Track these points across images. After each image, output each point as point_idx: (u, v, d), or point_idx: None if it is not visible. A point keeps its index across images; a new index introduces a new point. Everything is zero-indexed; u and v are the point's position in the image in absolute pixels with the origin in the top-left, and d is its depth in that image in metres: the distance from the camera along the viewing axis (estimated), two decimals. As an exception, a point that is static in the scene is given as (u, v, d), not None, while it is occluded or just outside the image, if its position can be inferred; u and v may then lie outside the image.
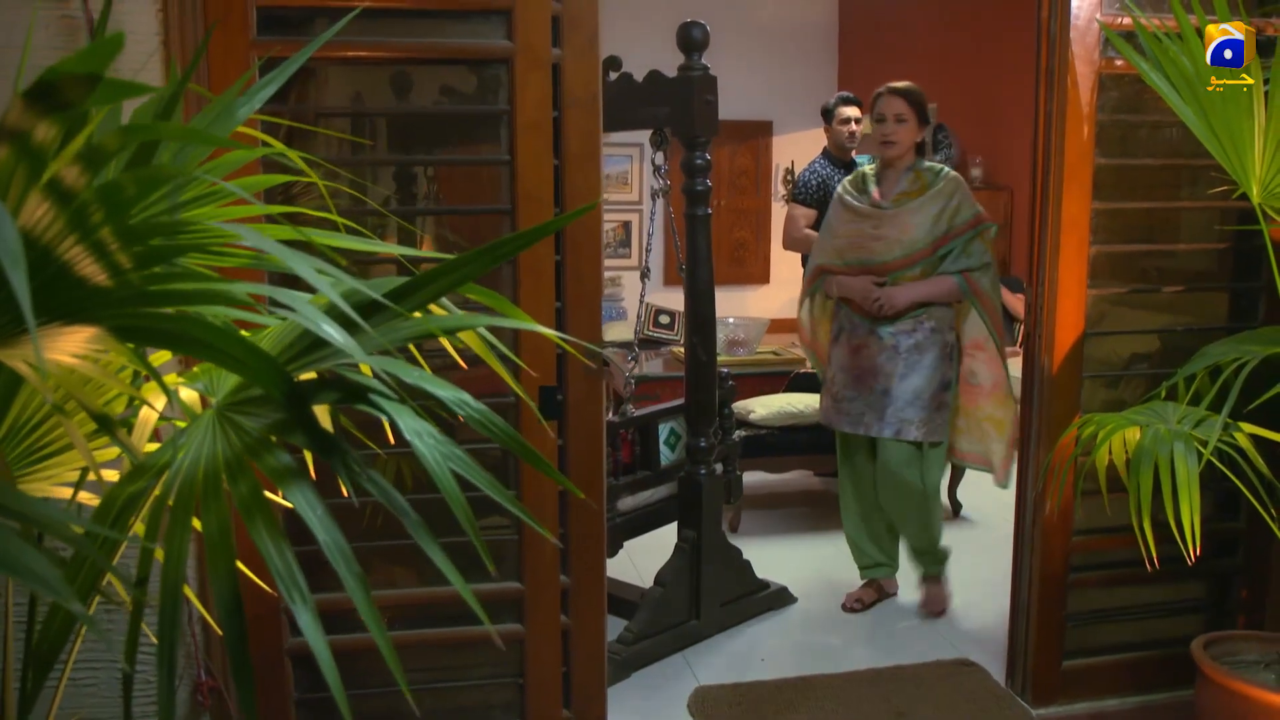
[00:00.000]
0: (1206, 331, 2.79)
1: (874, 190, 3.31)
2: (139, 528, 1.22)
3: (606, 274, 8.74)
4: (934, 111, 8.04)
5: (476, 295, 1.34)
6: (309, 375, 1.22)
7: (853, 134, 4.54)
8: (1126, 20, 2.54)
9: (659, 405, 3.45)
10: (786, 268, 4.87)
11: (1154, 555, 2.27)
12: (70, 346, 1.14)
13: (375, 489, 1.10)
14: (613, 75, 3.07)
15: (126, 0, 2.06)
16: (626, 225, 8.97)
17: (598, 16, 2.32)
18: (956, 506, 4.64)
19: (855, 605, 3.53)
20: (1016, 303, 6.07)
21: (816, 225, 4.64)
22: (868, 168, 3.41)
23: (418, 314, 1.27)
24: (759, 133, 9.30)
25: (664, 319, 6.54)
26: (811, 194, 4.58)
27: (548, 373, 2.38)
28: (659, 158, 3.17)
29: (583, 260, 2.38)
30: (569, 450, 2.42)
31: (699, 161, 3.08)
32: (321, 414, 1.29)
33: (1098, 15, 2.56)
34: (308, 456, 1.24)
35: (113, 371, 1.27)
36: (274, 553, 1.07)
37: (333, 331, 1.05)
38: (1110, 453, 2.39)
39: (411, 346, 1.52)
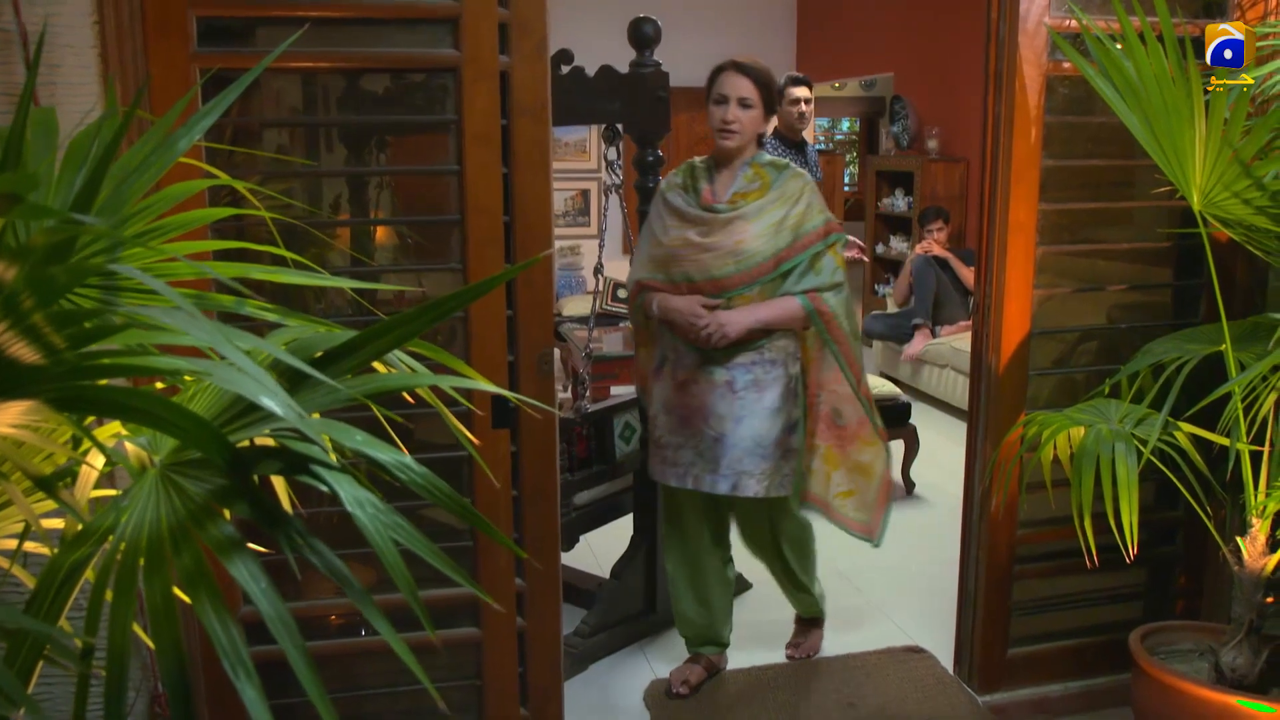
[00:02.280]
0: (1151, 328, 2.84)
1: (704, 189, 2.72)
2: (90, 573, 1.22)
3: (565, 243, 8.72)
4: (891, 81, 8.04)
5: (421, 349, 1.34)
6: (264, 441, 1.22)
7: (802, 114, 4.52)
8: (1074, 23, 2.55)
9: (613, 399, 3.46)
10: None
11: (1094, 554, 2.34)
12: (7, 418, 1.14)
13: (319, 560, 1.11)
14: (564, 69, 3.05)
15: (63, 15, 2.01)
16: (585, 193, 8.92)
17: (546, 23, 2.30)
18: (910, 485, 4.72)
19: (682, 690, 2.93)
20: (970, 275, 6.15)
21: None
22: (698, 160, 2.83)
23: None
24: (718, 99, 9.26)
25: (622, 293, 6.53)
26: None
27: (499, 381, 2.39)
28: (611, 153, 3.16)
29: (533, 268, 2.38)
30: (522, 457, 2.43)
31: (650, 159, 3.07)
32: (279, 485, 1.30)
33: (1045, 19, 2.57)
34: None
35: (50, 433, 1.26)
36: (218, 627, 1.07)
37: (271, 404, 1.05)
38: (1055, 449, 2.44)
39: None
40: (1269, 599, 2.37)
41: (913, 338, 6.24)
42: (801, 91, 4.52)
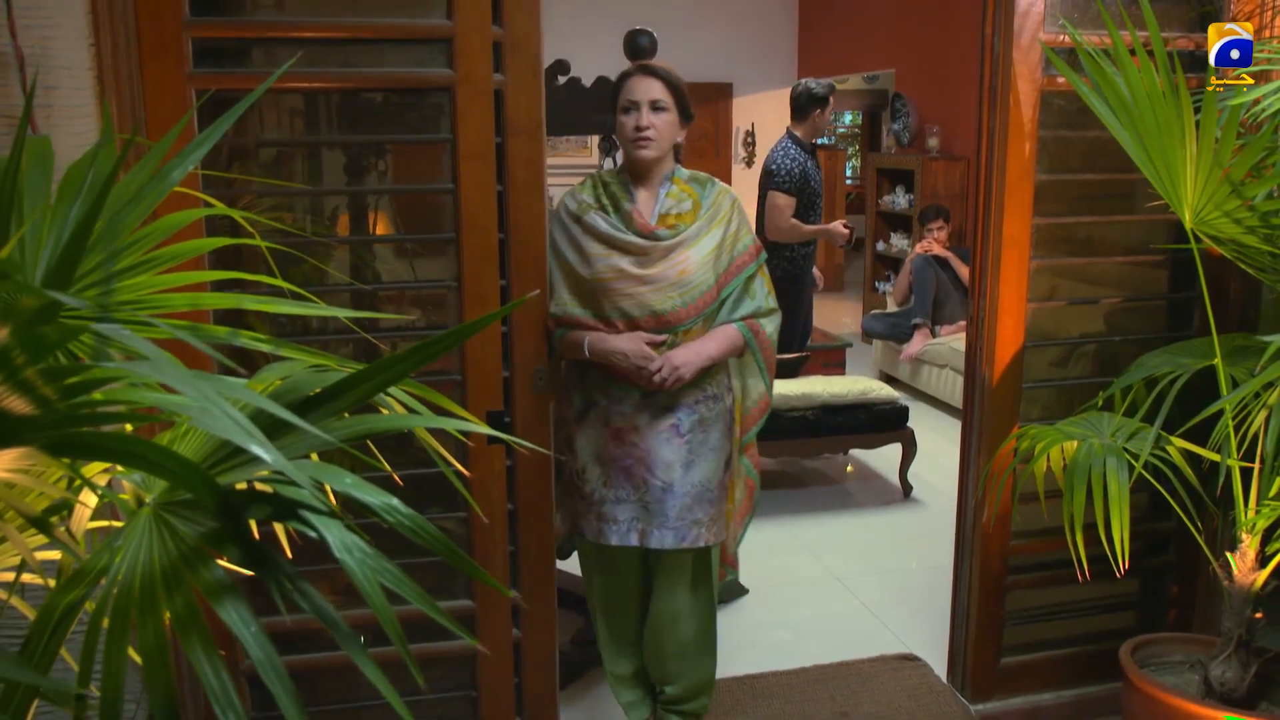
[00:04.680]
0: (1145, 340, 2.85)
1: (630, 209, 2.40)
2: (89, 604, 1.25)
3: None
4: (890, 79, 8.04)
5: (412, 388, 1.36)
6: (261, 486, 1.24)
7: (830, 123, 4.79)
8: (1068, 38, 2.56)
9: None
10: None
11: (1086, 569, 2.35)
12: (2, 464, 1.15)
13: (308, 604, 1.13)
14: (560, 80, 3.06)
15: (59, 37, 2.02)
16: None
17: (541, 42, 2.31)
18: (907, 488, 4.73)
19: None
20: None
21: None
22: (606, 175, 2.50)
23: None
24: (719, 95, 9.25)
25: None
26: (794, 182, 4.72)
27: (494, 397, 2.41)
28: (608, 164, 3.17)
29: (528, 285, 2.39)
30: (517, 473, 2.45)
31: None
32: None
33: (1040, 34, 2.58)
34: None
35: (40, 474, 1.28)
36: (210, 672, 1.09)
37: (260, 451, 1.07)
38: (1049, 461, 2.46)
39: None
40: (1258, 614, 2.39)
41: (912, 337, 6.25)
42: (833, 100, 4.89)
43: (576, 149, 8.82)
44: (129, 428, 1.35)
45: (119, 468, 1.38)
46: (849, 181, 13.46)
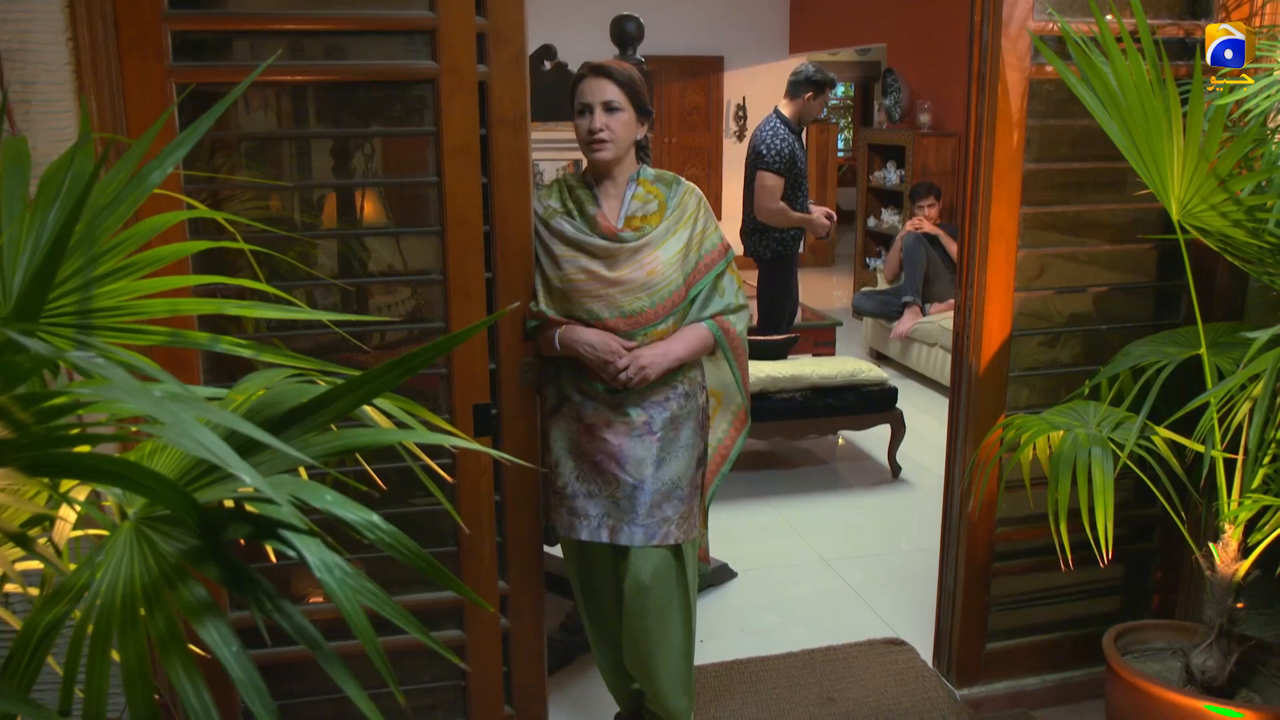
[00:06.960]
0: (1132, 328, 2.85)
1: (595, 212, 2.38)
2: (75, 612, 1.25)
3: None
4: (883, 52, 7.99)
5: (394, 401, 1.36)
6: (236, 498, 1.24)
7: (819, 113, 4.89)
8: (1056, 27, 2.54)
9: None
10: (739, 205, 4.97)
11: (1070, 559, 2.37)
12: (-20, 484, 1.15)
13: (289, 624, 1.13)
14: (546, 65, 3.04)
15: (36, 32, 2.00)
16: (576, 165, 8.86)
17: (525, 33, 2.29)
18: (895, 469, 4.75)
19: None
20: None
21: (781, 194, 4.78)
22: (570, 178, 2.49)
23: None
24: (709, 68, 9.19)
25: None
26: (783, 162, 4.71)
27: (481, 390, 2.41)
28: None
29: (514, 278, 2.39)
30: (504, 465, 2.45)
31: (635, 155, 3.06)
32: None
33: (1029, 23, 2.56)
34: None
35: (19, 491, 1.28)
36: (190, 691, 1.10)
37: (240, 472, 1.07)
38: (1034, 450, 2.47)
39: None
40: (1240, 604, 2.41)
41: (902, 315, 6.25)
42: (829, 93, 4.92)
43: (567, 122, 8.76)
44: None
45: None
46: (840, 154, 13.40)
